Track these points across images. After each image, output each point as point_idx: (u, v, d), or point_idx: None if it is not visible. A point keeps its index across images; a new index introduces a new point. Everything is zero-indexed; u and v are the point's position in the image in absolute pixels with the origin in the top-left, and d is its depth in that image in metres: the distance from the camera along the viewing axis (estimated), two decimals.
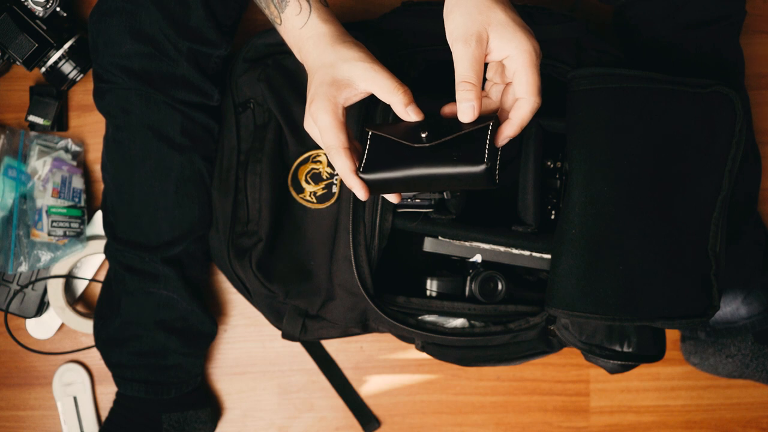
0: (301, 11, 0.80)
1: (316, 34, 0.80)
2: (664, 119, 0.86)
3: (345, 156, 0.76)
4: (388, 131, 0.78)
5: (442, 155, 0.75)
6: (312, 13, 0.80)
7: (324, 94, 0.77)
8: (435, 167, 0.75)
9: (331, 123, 0.77)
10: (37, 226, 1.07)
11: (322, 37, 0.79)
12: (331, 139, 0.77)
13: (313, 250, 0.94)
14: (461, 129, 0.75)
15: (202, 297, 1.07)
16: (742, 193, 1.04)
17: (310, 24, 0.80)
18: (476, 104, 0.74)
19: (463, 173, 0.74)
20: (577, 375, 1.20)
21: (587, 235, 0.85)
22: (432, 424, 1.19)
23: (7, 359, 1.16)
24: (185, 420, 1.07)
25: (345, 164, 0.77)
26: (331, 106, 0.77)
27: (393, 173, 0.76)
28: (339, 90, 0.77)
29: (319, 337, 0.98)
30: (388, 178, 0.77)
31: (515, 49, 0.74)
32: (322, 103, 0.77)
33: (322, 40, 0.79)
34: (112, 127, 0.97)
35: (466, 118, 0.74)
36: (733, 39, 1.01)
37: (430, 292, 0.94)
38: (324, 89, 0.77)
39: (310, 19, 0.80)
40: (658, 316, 0.86)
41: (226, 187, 0.98)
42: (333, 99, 0.77)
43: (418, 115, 0.77)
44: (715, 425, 1.22)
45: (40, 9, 1.03)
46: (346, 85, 0.77)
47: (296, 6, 0.80)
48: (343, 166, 0.77)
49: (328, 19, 0.80)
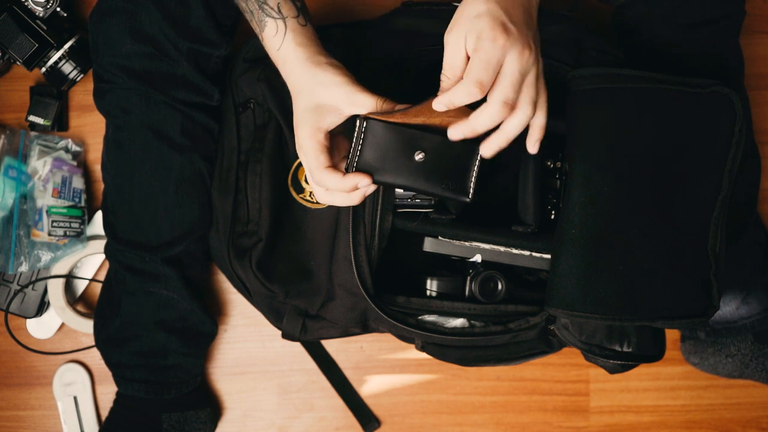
0: (276, 33, 0.80)
1: (291, 59, 0.80)
2: (664, 119, 0.86)
3: (331, 173, 0.78)
4: (383, 134, 0.78)
5: (432, 178, 0.80)
6: (287, 35, 0.80)
7: (307, 122, 0.79)
8: (423, 185, 0.81)
9: (314, 148, 0.78)
10: (37, 226, 1.07)
11: (296, 61, 0.80)
12: (312, 162, 0.79)
13: (313, 250, 0.94)
14: (453, 150, 0.79)
15: (202, 297, 1.07)
16: (742, 193, 1.04)
17: (285, 47, 0.80)
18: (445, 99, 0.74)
19: (448, 197, 0.82)
20: (577, 375, 1.20)
21: (587, 235, 0.85)
22: (432, 424, 1.19)
23: (8, 359, 1.16)
24: (185, 420, 1.07)
25: (335, 181, 0.78)
26: (313, 132, 0.78)
27: (382, 177, 0.80)
28: (322, 116, 0.78)
29: (319, 337, 0.98)
30: (376, 180, 0.80)
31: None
32: (305, 130, 0.79)
33: (296, 64, 0.80)
34: (112, 127, 0.97)
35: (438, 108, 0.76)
36: (733, 39, 1.01)
37: (430, 292, 0.94)
38: (307, 116, 0.79)
39: (284, 42, 0.80)
40: (658, 316, 0.86)
41: (226, 187, 0.98)
42: (316, 125, 0.78)
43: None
44: (715, 425, 1.22)
45: (41, 9, 1.03)
46: (329, 110, 0.78)
47: (273, 27, 0.80)
48: (334, 183, 0.78)
49: (303, 41, 0.80)
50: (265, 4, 0.80)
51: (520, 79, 0.73)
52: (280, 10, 0.80)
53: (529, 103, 0.75)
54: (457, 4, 0.96)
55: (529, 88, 0.75)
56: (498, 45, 0.71)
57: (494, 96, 0.73)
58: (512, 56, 0.72)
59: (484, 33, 0.72)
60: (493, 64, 0.72)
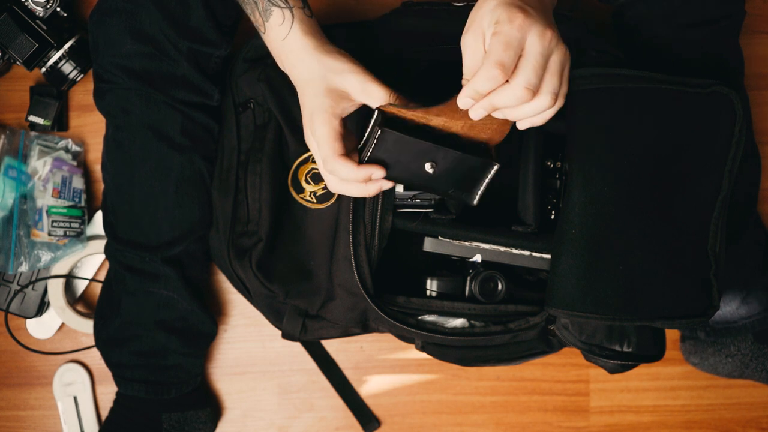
0: (283, 22, 0.79)
1: (298, 47, 0.79)
2: (664, 119, 0.86)
3: (345, 162, 0.77)
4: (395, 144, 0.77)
5: (441, 183, 0.81)
6: (294, 24, 0.79)
7: (321, 107, 0.77)
8: (430, 188, 0.82)
9: (329, 135, 0.77)
10: (37, 226, 1.07)
11: (304, 49, 0.79)
12: (326, 150, 0.77)
13: (313, 250, 0.94)
14: (465, 164, 0.79)
15: (202, 297, 1.07)
16: (742, 193, 1.04)
17: (292, 36, 0.79)
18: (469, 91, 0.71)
19: (453, 197, 0.83)
20: (577, 375, 1.20)
21: (587, 235, 0.85)
22: (432, 424, 1.19)
23: (8, 359, 1.16)
24: (185, 420, 1.07)
25: (348, 170, 0.77)
26: (329, 118, 0.77)
27: (392, 173, 0.79)
28: (336, 102, 0.78)
29: (319, 337, 0.98)
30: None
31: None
32: (321, 117, 0.77)
33: (305, 52, 0.79)
34: (112, 127, 0.97)
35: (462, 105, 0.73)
36: (733, 39, 1.01)
37: (430, 292, 0.94)
38: (320, 101, 0.77)
39: (291, 31, 0.79)
40: (658, 316, 0.86)
41: (226, 187, 0.98)
42: (331, 110, 0.77)
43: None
44: (715, 425, 1.22)
45: (41, 9, 1.03)
46: (342, 96, 0.78)
47: (279, 16, 0.79)
48: (348, 173, 0.77)
49: (310, 31, 0.80)
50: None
51: (542, 62, 0.68)
52: (286, 0, 0.80)
53: (550, 93, 0.70)
54: (457, 4, 0.96)
55: (553, 76, 0.70)
56: (516, 25, 0.67)
57: (516, 80, 0.68)
58: (533, 37, 0.68)
59: (501, 17, 0.67)
60: (514, 45, 0.67)
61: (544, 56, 0.68)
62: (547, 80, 0.70)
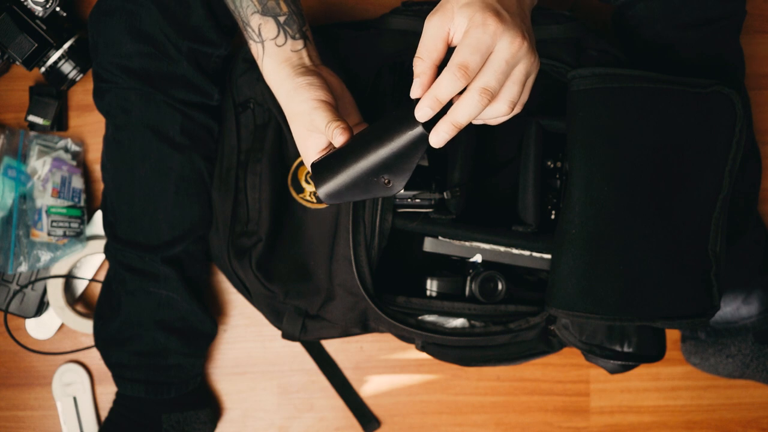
0: (257, 56, 0.82)
1: (271, 80, 0.82)
2: (664, 119, 0.86)
3: (333, 113, 0.76)
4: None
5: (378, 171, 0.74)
6: (264, 59, 0.81)
7: (297, 132, 0.81)
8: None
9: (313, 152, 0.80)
10: (36, 226, 1.07)
11: (276, 81, 0.81)
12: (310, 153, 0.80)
13: (312, 250, 0.94)
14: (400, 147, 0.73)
15: (202, 297, 1.07)
16: (742, 193, 1.04)
17: (265, 69, 0.82)
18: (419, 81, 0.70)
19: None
20: (577, 375, 1.20)
21: (587, 235, 0.85)
22: (432, 424, 1.19)
23: (7, 359, 1.16)
24: (185, 420, 1.07)
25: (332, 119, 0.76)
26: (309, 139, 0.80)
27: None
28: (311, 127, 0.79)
29: (319, 337, 0.98)
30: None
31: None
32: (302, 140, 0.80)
33: (277, 84, 0.81)
34: (112, 126, 0.97)
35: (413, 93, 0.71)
36: (733, 39, 1.01)
37: (430, 292, 0.94)
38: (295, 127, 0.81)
39: (264, 65, 0.81)
40: (658, 316, 0.86)
41: (226, 187, 0.98)
42: (308, 132, 0.80)
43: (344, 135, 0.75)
44: (716, 425, 1.22)
45: (40, 9, 1.03)
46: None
47: (254, 49, 0.82)
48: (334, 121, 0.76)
49: (281, 59, 0.81)
50: (248, 26, 0.81)
51: (506, 69, 0.67)
52: (260, 33, 0.81)
53: (508, 101, 0.69)
54: None
55: (514, 85, 0.68)
56: (489, 30, 0.65)
57: (474, 82, 0.67)
58: (503, 44, 0.66)
59: (474, 18, 0.66)
60: (482, 49, 0.66)
61: (510, 63, 0.67)
62: (507, 87, 0.68)
